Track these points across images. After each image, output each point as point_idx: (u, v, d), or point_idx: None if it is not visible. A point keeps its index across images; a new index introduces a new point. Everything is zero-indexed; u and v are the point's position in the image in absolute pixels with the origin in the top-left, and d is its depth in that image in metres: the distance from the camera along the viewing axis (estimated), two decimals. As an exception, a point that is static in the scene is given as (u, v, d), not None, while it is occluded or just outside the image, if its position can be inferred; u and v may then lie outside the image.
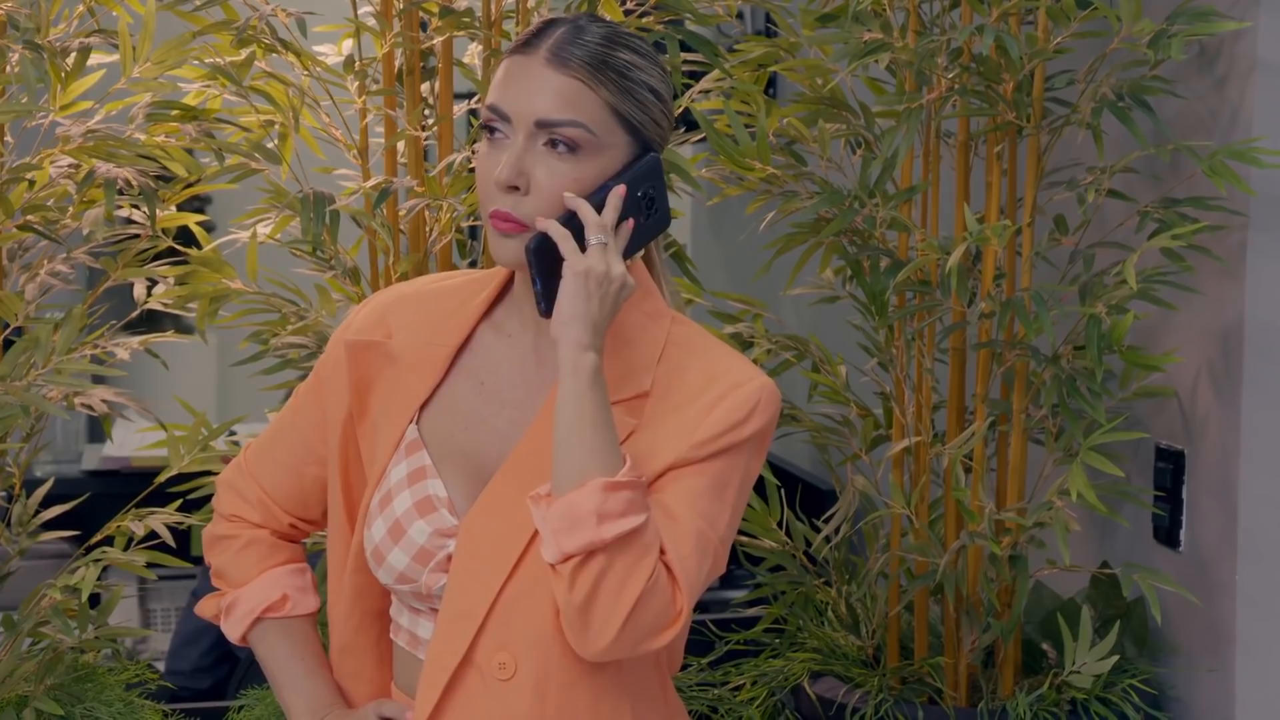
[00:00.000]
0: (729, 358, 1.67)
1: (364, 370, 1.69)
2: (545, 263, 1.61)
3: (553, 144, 1.61)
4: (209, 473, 2.40)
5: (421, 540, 1.64)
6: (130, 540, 2.38)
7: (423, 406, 1.69)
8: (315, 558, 2.07)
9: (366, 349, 1.69)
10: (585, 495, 1.55)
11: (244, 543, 1.78)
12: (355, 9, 2.47)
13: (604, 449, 1.57)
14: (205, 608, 1.82)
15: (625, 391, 1.63)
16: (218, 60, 2.38)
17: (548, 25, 1.65)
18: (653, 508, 1.59)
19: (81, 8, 2.40)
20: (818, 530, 2.64)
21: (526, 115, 1.61)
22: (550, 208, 1.61)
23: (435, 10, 2.39)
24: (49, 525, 2.43)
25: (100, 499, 2.64)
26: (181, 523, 2.38)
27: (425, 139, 2.46)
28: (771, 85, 3.76)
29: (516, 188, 1.60)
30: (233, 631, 1.78)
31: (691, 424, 1.62)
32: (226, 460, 2.31)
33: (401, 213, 2.41)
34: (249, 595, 1.77)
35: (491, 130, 1.63)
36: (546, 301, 1.61)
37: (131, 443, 3.82)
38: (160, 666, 3.09)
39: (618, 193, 1.61)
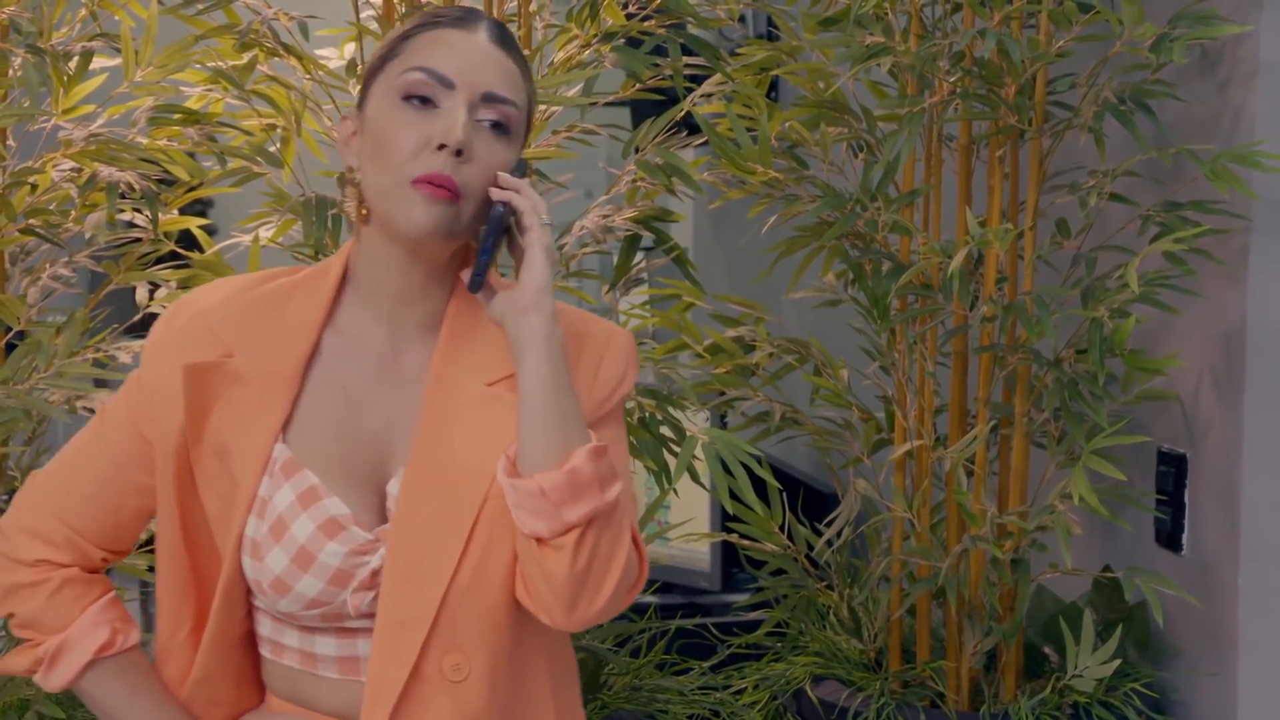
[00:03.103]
0: (579, 314, 1.68)
1: (202, 393, 1.60)
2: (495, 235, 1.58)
3: (489, 123, 1.59)
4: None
5: (336, 563, 1.58)
6: (132, 544, 2.38)
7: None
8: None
9: (207, 371, 1.60)
10: (584, 463, 1.54)
11: (56, 585, 1.66)
12: (357, 12, 2.48)
13: (579, 417, 1.57)
14: (15, 663, 1.69)
15: (509, 367, 1.61)
16: (220, 64, 2.39)
17: (473, 10, 1.65)
18: None
19: (84, 11, 2.40)
20: (820, 534, 2.64)
21: (475, 85, 1.58)
22: (485, 181, 1.58)
23: (437, 14, 2.39)
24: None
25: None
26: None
27: (427, 142, 2.46)
28: (773, 89, 3.75)
29: (461, 152, 1.56)
30: (58, 680, 1.67)
31: (585, 387, 1.63)
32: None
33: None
34: (77, 640, 1.66)
35: (417, 99, 1.58)
36: (484, 275, 1.58)
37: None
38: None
39: (527, 184, 1.61)
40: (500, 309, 1.58)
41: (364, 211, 1.63)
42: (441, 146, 1.56)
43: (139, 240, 2.46)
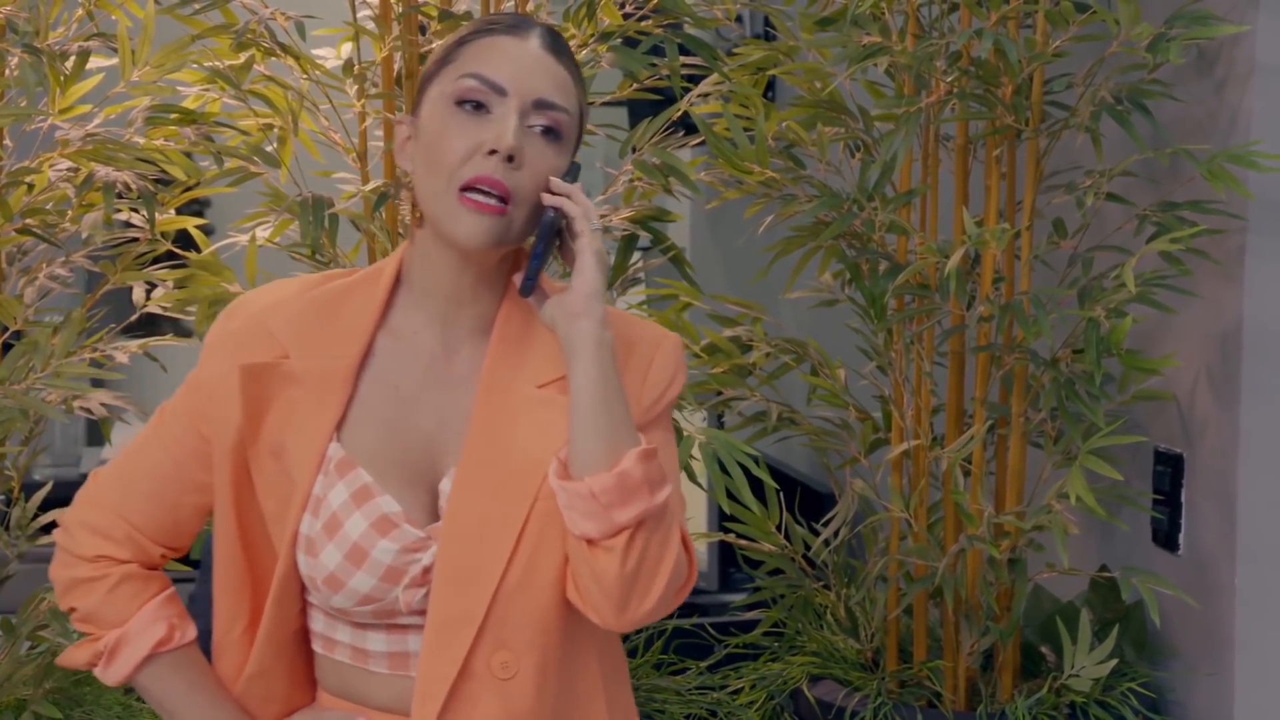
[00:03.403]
0: (628, 319, 1.70)
1: (259, 393, 1.63)
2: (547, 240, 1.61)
3: (540, 129, 1.61)
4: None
5: (388, 560, 1.61)
6: (129, 544, 2.38)
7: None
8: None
9: (263, 372, 1.64)
10: (633, 465, 1.56)
11: (115, 581, 1.69)
12: (354, 13, 2.48)
13: (629, 421, 1.59)
14: (75, 657, 1.72)
15: (559, 370, 1.64)
16: (217, 64, 2.39)
17: (525, 17, 1.67)
18: None
19: (81, 11, 2.40)
20: (817, 534, 2.64)
21: (527, 92, 1.60)
22: (536, 186, 1.60)
23: (434, 14, 2.39)
24: (48, 529, 2.43)
25: (99, 502, 2.63)
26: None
27: (424, 142, 2.46)
28: (770, 89, 3.76)
29: (512, 158, 1.58)
30: (116, 674, 1.69)
31: (634, 390, 1.65)
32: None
33: (400, 216, 2.41)
34: (135, 635, 1.69)
35: (470, 104, 1.60)
36: (535, 280, 1.60)
37: (130, 446, 3.82)
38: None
39: (578, 189, 1.63)
40: (551, 314, 1.61)
41: (418, 215, 1.65)
42: (492, 152, 1.58)
43: (136, 240, 2.46)
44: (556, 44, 1.64)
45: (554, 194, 1.61)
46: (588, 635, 1.66)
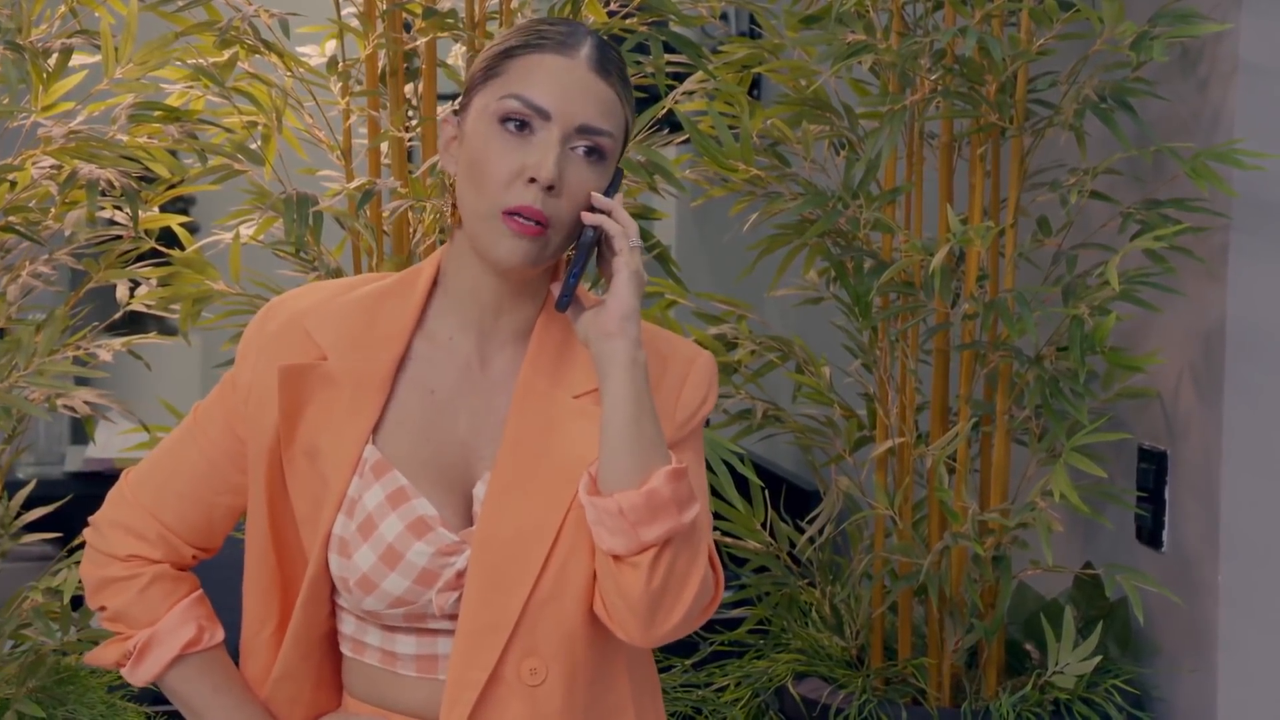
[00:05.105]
0: (663, 335, 1.71)
1: (296, 395, 1.64)
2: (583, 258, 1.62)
3: (583, 150, 1.61)
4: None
5: (422, 562, 1.62)
6: (113, 542, 2.37)
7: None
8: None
9: (302, 373, 1.65)
10: (662, 484, 1.57)
11: (147, 580, 1.71)
12: (338, 10, 2.47)
13: (660, 439, 1.60)
14: (104, 656, 1.74)
15: (595, 382, 1.64)
16: (200, 61, 2.38)
17: (575, 28, 1.65)
18: None
19: (63, 8, 2.39)
20: (802, 531, 2.64)
21: (571, 117, 1.60)
22: (575, 208, 1.61)
23: (419, 11, 2.39)
24: (31, 527, 2.42)
25: (83, 501, 2.61)
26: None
27: (409, 140, 2.46)
28: (755, 86, 3.76)
29: (552, 187, 1.59)
30: (145, 674, 1.71)
31: (667, 407, 1.66)
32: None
33: (385, 214, 2.41)
34: (165, 635, 1.71)
35: (514, 123, 1.60)
36: (570, 296, 1.62)
37: (115, 444, 3.79)
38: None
39: (619, 204, 1.64)
40: (586, 331, 1.62)
41: (456, 217, 1.66)
42: (533, 180, 1.59)
43: (119, 238, 2.45)
44: (604, 61, 1.63)
45: (595, 209, 1.61)
46: (617, 645, 1.67)
